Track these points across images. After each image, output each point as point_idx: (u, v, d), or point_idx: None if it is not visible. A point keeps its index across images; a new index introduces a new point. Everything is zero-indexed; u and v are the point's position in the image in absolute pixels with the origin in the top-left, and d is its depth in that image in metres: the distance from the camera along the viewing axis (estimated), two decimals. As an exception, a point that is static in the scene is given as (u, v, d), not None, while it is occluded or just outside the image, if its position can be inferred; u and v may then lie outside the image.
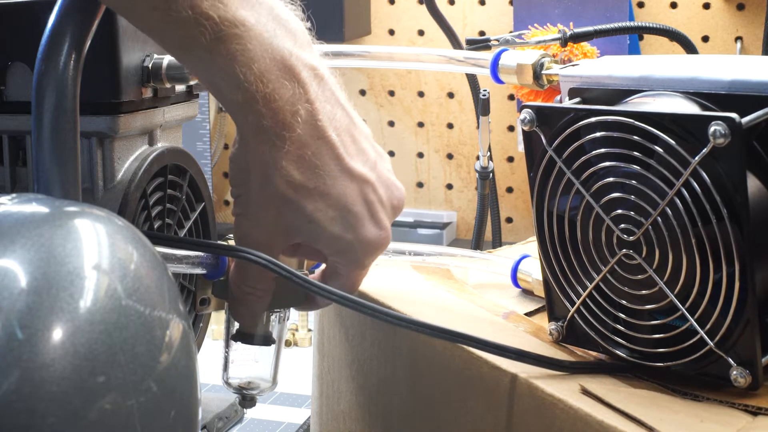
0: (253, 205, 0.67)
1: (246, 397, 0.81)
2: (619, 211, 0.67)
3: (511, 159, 2.19)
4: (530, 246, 0.94)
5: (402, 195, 0.71)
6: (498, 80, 0.89)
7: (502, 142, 2.18)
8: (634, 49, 1.91)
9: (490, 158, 1.36)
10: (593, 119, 0.66)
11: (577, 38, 1.05)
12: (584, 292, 0.70)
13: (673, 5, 2.02)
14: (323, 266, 0.72)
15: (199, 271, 0.74)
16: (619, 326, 0.69)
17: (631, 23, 1.38)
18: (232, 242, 0.78)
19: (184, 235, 1.01)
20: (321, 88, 0.68)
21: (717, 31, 2.00)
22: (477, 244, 1.50)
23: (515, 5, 1.99)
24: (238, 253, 0.74)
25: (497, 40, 1.02)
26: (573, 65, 0.77)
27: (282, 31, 0.65)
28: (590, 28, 1.06)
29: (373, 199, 0.68)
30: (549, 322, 0.73)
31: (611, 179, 0.67)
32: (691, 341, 0.65)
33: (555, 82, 0.86)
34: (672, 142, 0.63)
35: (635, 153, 0.65)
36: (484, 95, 1.31)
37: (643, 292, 0.67)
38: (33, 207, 0.53)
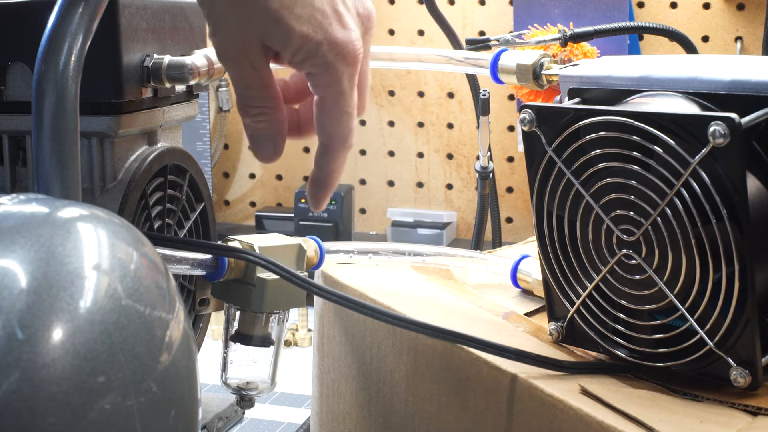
0: (221, 16, 0.64)
1: (244, 397, 0.81)
2: (619, 212, 0.67)
3: (511, 159, 2.19)
4: (530, 246, 0.94)
5: (371, 8, 0.68)
6: (498, 80, 0.90)
7: (502, 142, 2.18)
8: (634, 49, 1.91)
9: (490, 158, 1.36)
10: (593, 119, 0.66)
11: (577, 38, 1.05)
12: (584, 292, 0.70)
13: (673, 5, 2.02)
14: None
15: (198, 272, 0.74)
16: (618, 326, 0.69)
17: (631, 23, 1.38)
18: (232, 243, 0.78)
19: (184, 235, 1.01)
20: None
21: (717, 31, 2.00)
22: (477, 244, 1.50)
23: (515, 5, 1.99)
24: (239, 254, 0.74)
25: (497, 40, 1.02)
26: (573, 65, 0.77)
27: None
28: (590, 28, 1.07)
29: (338, 2, 0.65)
30: (549, 322, 0.73)
31: (611, 179, 0.67)
32: (690, 341, 0.65)
33: (555, 82, 0.86)
34: (671, 142, 0.63)
35: (635, 153, 0.65)
36: (484, 95, 1.32)
37: (643, 292, 0.67)
38: (33, 207, 0.53)
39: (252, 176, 2.41)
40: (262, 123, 0.67)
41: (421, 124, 2.25)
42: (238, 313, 0.79)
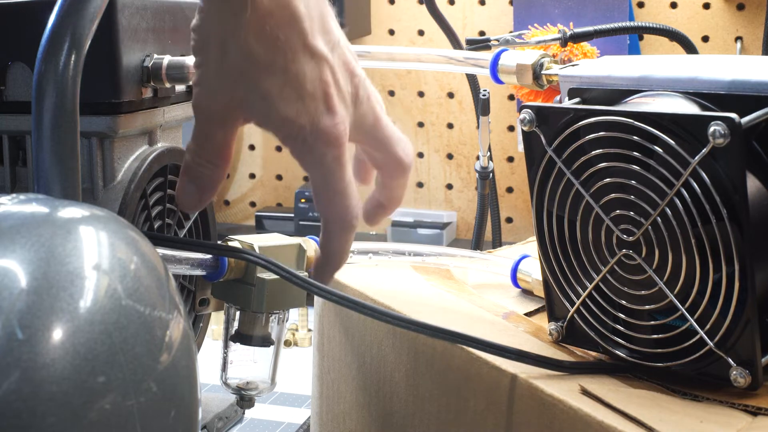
0: (211, 76, 0.64)
1: (244, 397, 0.81)
2: (619, 212, 0.67)
3: (511, 159, 2.19)
4: (530, 246, 0.94)
5: (362, 83, 0.67)
6: (498, 80, 0.90)
7: (502, 142, 2.18)
8: (634, 49, 1.91)
9: (490, 158, 1.36)
10: (593, 119, 0.66)
11: (577, 38, 1.05)
12: (584, 292, 0.70)
13: (673, 5, 2.02)
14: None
15: (198, 272, 0.74)
16: (618, 326, 0.69)
17: (631, 23, 1.38)
18: (232, 243, 0.78)
19: (184, 235, 1.01)
20: None
21: (717, 31, 2.00)
22: (477, 244, 1.50)
23: (515, 5, 1.99)
24: (239, 254, 0.74)
25: (497, 40, 1.02)
26: (573, 65, 0.77)
27: None
28: (590, 28, 1.07)
29: (329, 82, 0.64)
30: (549, 322, 0.73)
31: (611, 179, 0.67)
32: (690, 341, 0.65)
33: (555, 82, 0.86)
34: (671, 142, 0.63)
35: (635, 153, 0.65)
36: (484, 95, 1.32)
37: (643, 292, 0.67)
38: (33, 207, 0.53)
39: (252, 176, 2.41)
40: (204, 173, 0.66)
41: (421, 124, 2.25)
42: (238, 313, 0.79)
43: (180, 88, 1.01)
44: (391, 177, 0.70)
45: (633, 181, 0.65)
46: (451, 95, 2.21)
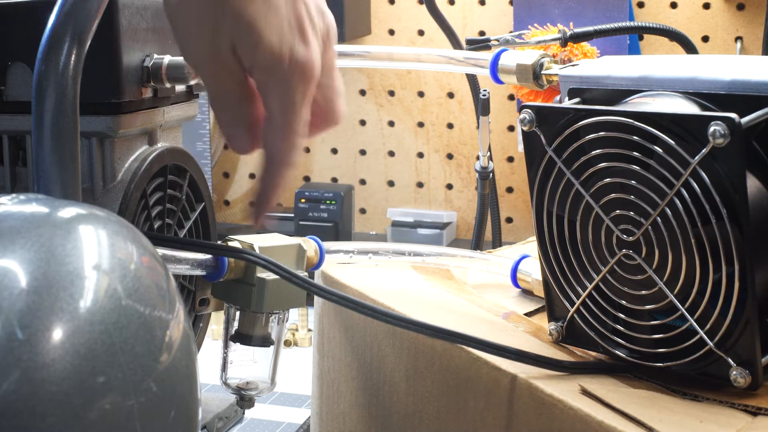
0: (192, 23, 0.63)
1: (244, 397, 0.81)
2: (619, 212, 0.67)
3: (511, 159, 2.19)
4: (530, 246, 0.94)
5: (332, 24, 0.67)
6: (497, 80, 0.90)
7: (502, 142, 2.18)
8: (634, 49, 1.91)
9: (490, 158, 1.36)
10: (593, 119, 0.66)
11: (577, 38, 1.05)
12: (584, 292, 0.70)
13: (673, 5, 2.02)
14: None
15: (198, 272, 0.74)
16: (618, 326, 0.69)
17: (631, 23, 1.38)
18: (232, 243, 0.78)
19: (184, 235, 1.01)
20: None
21: (717, 31, 2.00)
22: (477, 244, 1.50)
23: (515, 5, 1.99)
24: (239, 254, 0.74)
25: (497, 40, 1.02)
26: (573, 65, 0.77)
27: None
28: (590, 28, 1.07)
29: (303, 15, 0.64)
30: (549, 322, 0.73)
31: (611, 179, 0.67)
32: (690, 341, 0.65)
33: (555, 82, 0.86)
34: (671, 142, 0.63)
35: (635, 153, 0.65)
36: (484, 95, 1.31)
37: (643, 292, 0.67)
38: (33, 207, 0.53)
39: (252, 176, 2.41)
40: (240, 117, 0.66)
41: (421, 124, 2.25)
42: (238, 313, 0.79)
43: (180, 88, 1.01)
44: (320, 128, 0.69)
45: (633, 181, 0.65)
46: (451, 95, 2.21)
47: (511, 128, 2.17)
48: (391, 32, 2.22)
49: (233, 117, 0.66)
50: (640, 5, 2.03)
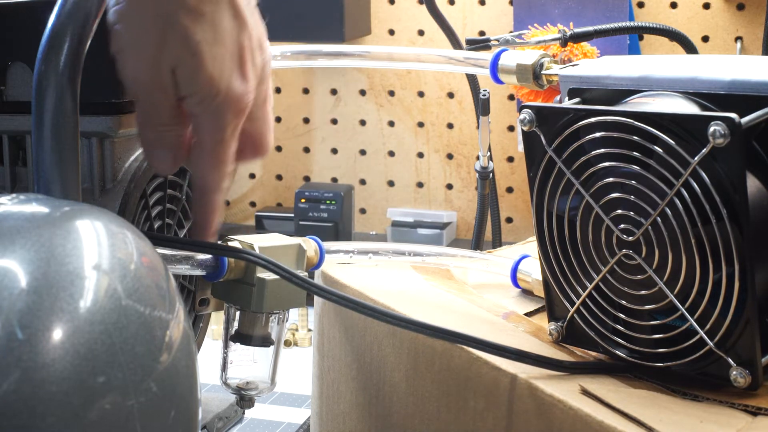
0: (136, 37, 0.61)
1: (244, 397, 0.81)
2: (619, 212, 0.67)
3: (511, 159, 2.19)
4: (530, 246, 0.94)
5: (269, 59, 0.66)
6: (497, 80, 0.89)
7: (502, 142, 2.18)
8: (634, 49, 1.91)
9: (490, 158, 1.36)
10: (593, 119, 0.66)
11: (577, 38, 1.05)
12: (584, 292, 0.70)
13: (673, 5, 2.02)
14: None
15: (198, 272, 0.74)
16: (618, 326, 0.69)
17: (631, 23, 1.38)
18: (232, 243, 0.78)
19: (184, 235, 1.01)
20: None
21: (717, 31, 2.00)
22: (477, 244, 1.50)
23: (515, 5, 2.00)
24: (238, 254, 0.74)
25: (497, 40, 1.02)
26: (573, 65, 0.77)
27: None
28: (590, 28, 1.06)
29: (246, 48, 0.63)
30: (549, 322, 0.73)
31: (611, 179, 0.67)
32: (690, 341, 0.65)
33: (555, 82, 0.86)
34: (671, 142, 0.63)
35: (635, 153, 0.65)
36: (484, 95, 1.31)
37: (643, 292, 0.67)
38: (33, 207, 0.53)
39: (252, 176, 2.41)
40: (167, 139, 0.65)
41: (421, 124, 2.25)
42: (238, 313, 0.79)
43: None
44: (248, 158, 0.69)
45: (633, 181, 0.65)
46: (451, 95, 2.21)
47: (511, 128, 2.17)
48: (391, 32, 2.22)
49: (159, 138, 0.66)
50: (640, 5, 2.03)
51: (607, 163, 0.67)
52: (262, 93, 0.66)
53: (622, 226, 0.67)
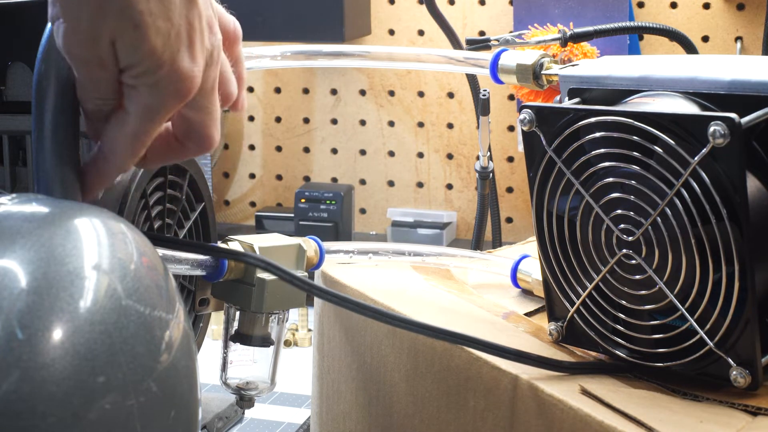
0: (71, 4, 0.56)
1: (244, 397, 0.81)
2: (619, 212, 0.67)
3: (511, 159, 2.19)
4: (530, 246, 0.94)
5: (218, 44, 0.61)
6: (497, 80, 0.90)
7: (502, 142, 2.18)
8: (634, 49, 1.91)
9: (490, 158, 1.36)
10: (593, 119, 0.66)
11: (577, 38, 1.05)
12: (584, 292, 0.70)
13: (673, 5, 2.02)
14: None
15: (198, 272, 0.74)
16: (618, 326, 0.69)
17: (631, 23, 1.38)
18: (232, 243, 0.78)
19: (184, 235, 1.01)
20: None
21: (717, 31, 2.00)
22: (477, 244, 1.50)
23: (515, 5, 2.00)
24: (238, 256, 0.74)
25: (497, 40, 1.02)
26: (573, 65, 0.77)
27: None
28: (590, 28, 1.06)
29: (196, 27, 0.58)
30: (549, 322, 0.73)
31: (611, 179, 0.67)
32: (690, 341, 0.65)
33: (555, 82, 0.86)
34: (671, 142, 0.63)
35: (635, 153, 0.65)
36: (484, 95, 1.31)
37: (643, 292, 0.67)
38: (33, 207, 0.53)
39: (252, 176, 2.41)
40: (100, 113, 0.61)
41: (421, 124, 2.25)
42: (237, 313, 0.79)
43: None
44: (190, 152, 0.64)
45: (633, 181, 0.65)
46: (451, 95, 2.21)
47: (511, 128, 2.17)
48: (391, 32, 2.22)
49: (97, 111, 0.61)
50: (640, 5, 2.03)
51: (607, 163, 0.67)
52: (210, 80, 0.61)
53: (622, 226, 0.67)
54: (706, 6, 1.99)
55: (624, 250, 0.67)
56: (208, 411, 1.10)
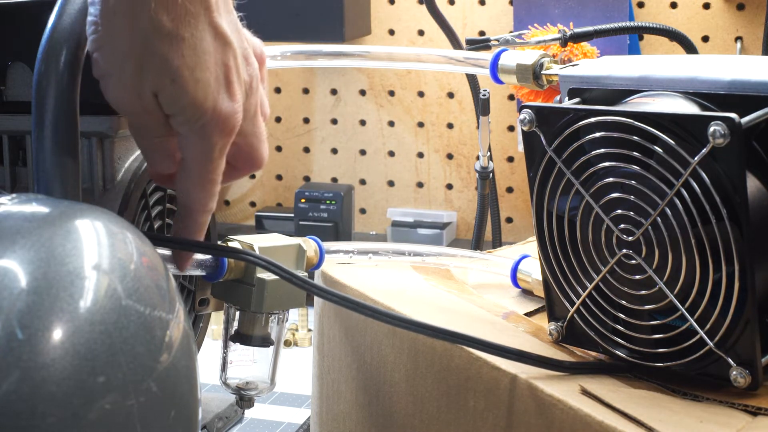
0: (116, 62, 0.60)
1: (244, 397, 0.81)
2: (619, 212, 0.67)
3: (511, 159, 2.19)
4: (530, 246, 0.94)
5: (256, 73, 0.65)
6: (497, 80, 0.90)
7: (502, 142, 2.18)
8: (634, 49, 1.91)
9: (490, 158, 1.36)
10: (593, 119, 0.66)
11: (577, 38, 1.05)
12: (584, 292, 0.70)
13: (673, 5, 2.02)
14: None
15: (198, 272, 0.74)
16: (618, 326, 0.69)
17: (631, 23, 1.38)
18: (232, 243, 0.78)
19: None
20: None
21: (717, 31, 2.00)
22: (477, 244, 1.50)
23: (515, 5, 1.99)
24: (238, 255, 0.74)
25: (497, 40, 1.02)
26: (573, 65, 0.77)
27: None
28: (590, 28, 1.06)
29: (231, 67, 0.62)
30: (549, 322, 0.73)
31: (611, 179, 0.67)
32: (690, 341, 0.65)
33: (555, 82, 0.86)
34: (671, 142, 0.63)
35: (635, 153, 0.65)
36: (484, 95, 1.31)
37: (643, 292, 0.67)
38: (33, 207, 0.53)
39: (252, 176, 2.41)
40: (160, 146, 0.65)
41: (421, 124, 2.25)
42: (237, 313, 0.79)
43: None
44: (243, 172, 0.68)
45: (633, 181, 0.65)
46: (451, 95, 2.21)
47: (511, 128, 2.17)
48: (391, 32, 2.22)
49: (151, 146, 0.65)
50: (640, 5, 2.03)
51: (607, 163, 0.67)
52: (252, 107, 0.65)
53: (622, 226, 0.67)
54: (706, 6, 1.99)
55: (624, 250, 0.67)
56: (208, 411, 1.10)
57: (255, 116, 0.66)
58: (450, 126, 2.22)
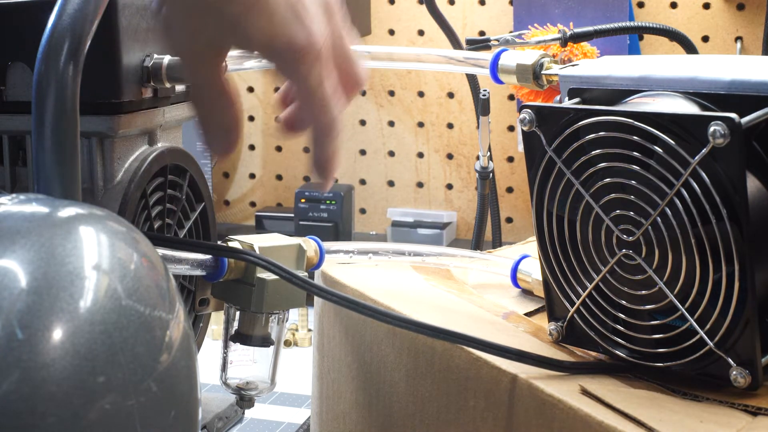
0: (176, 18, 0.62)
1: (244, 397, 0.81)
2: (619, 212, 0.67)
3: (511, 159, 2.19)
4: (530, 246, 0.94)
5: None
6: (497, 80, 0.90)
7: (502, 142, 2.18)
8: (634, 49, 1.91)
9: (490, 158, 1.36)
10: (593, 119, 0.66)
11: (577, 38, 1.05)
12: (584, 292, 0.70)
13: (673, 5, 2.02)
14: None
15: (198, 272, 0.74)
16: (618, 326, 0.69)
17: (631, 23, 1.38)
18: (232, 243, 0.78)
19: (184, 235, 1.01)
20: None
21: (717, 31, 2.00)
22: (477, 244, 1.50)
23: (515, 5, 1.99)
24: (239, 255, 0.74)
25: (497, 40, 1.02)
26: (573, 65, 0.77)
27: None
28: (590, 28, 1.07)
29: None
30: (549, 322, 0.73)
31: (611, 179, 0.67)
32: (690, 341, 0.65)
33: (555, 82, 0.86)
34: (671, 142, 0.63)
35: (635, 153, 0.65)
36: (484, 95, 1.32)
37: (643, 292, 0.67)
38: (33, 207, 0.53)
39: (252, 176, 2.41)
40: (217, 117, 0.66)
41: (421, 124, 2.25)
42: (237, 313, 0.79)
43: (180, 88, 1.01)
44: (349, 93, 0.69)
45: (633, 181, 0.65)
46: (451, 95, 2.21)
47: (511, 128, 2.17)
48: (391, 32, 2.22)
49: (210, 113, 0.65)
50: (640, 5, 2.03)
51: (607, 163, 0.67)
52: (336, 31, 0.67)
53: (622, 226, 0.67)
54: (706, 6, 1.99)
55: (624, 250, 0.67)
56: (208, 411, 1.10)
57: (340, 39, 0.67)
58: (450, 126, 2.22)
